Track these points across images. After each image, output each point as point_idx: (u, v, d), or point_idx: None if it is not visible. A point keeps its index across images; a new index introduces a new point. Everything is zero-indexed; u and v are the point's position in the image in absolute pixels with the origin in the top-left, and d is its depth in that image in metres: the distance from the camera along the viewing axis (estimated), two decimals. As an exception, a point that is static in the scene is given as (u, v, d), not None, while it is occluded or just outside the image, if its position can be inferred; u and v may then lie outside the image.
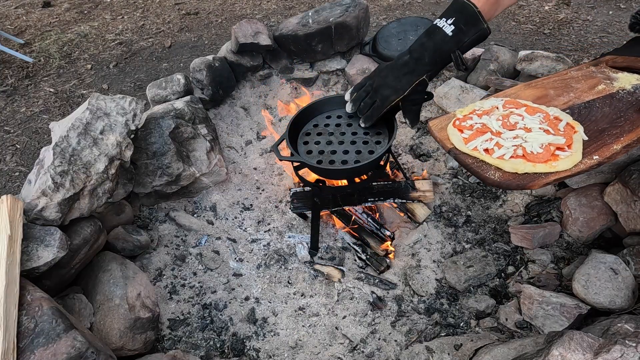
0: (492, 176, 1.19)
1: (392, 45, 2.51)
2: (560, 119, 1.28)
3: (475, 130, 1.30)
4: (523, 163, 1.17)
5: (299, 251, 2.04)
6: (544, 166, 1.15)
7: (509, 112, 1.33)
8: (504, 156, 1.20)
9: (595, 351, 1.13)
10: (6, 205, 1.45)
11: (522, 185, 1.15)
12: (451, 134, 1.34)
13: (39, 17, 4.19)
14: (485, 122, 1.31)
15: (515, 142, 1.22)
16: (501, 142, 1.23)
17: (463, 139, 1.30)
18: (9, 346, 1.23)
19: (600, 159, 1.16)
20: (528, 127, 1.26)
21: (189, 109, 2.16)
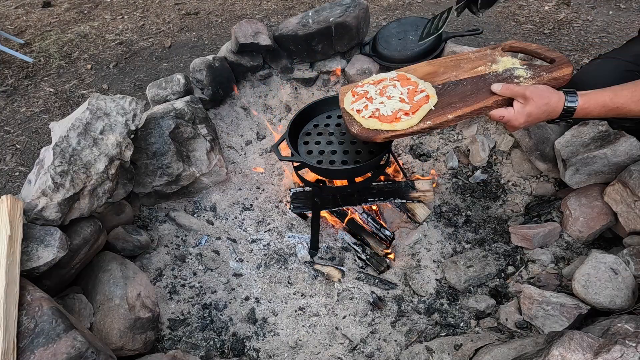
0: (354, 129, 1.53)
1: (392, 45, 2.51)
2: (424, 90, 1.53)
3: (359, 95, 1.62)
4: (375, 121, 1.49)
5: (299, 251, 2.04)
6: (387, 125, 1.47)
7: (392, 83, 1.61)
8: (364, 116, 1.52)
9: (595, 351, 1.13)
10: (6, 205, 1.45)
11: (369, 138, 1.49)
12: (346, 97, 1.66)
13: (39, 17, 4.19)
14: (367, 89, 1.62)
15: (378, 106, 1.53)
16: (369, 105, 1.55)
17: (351, 101, 1.62)
18: (9, 346, 1.23)
19: (432, 124, 1.44)
20: (390, 96, 1.54)
21: (189, 109, 2.16)
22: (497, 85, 1.46)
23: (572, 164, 1.83)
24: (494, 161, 2.28)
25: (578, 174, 1.84)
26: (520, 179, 2.16)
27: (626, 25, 3.10)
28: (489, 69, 1.57)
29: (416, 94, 1.53)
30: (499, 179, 2.22)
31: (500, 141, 2.27)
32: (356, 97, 1.62)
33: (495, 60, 1.60)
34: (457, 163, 2.33)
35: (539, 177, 2.12)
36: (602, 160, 1.78)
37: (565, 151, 1.85)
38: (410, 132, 1.46)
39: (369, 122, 1.51)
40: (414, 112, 1.47)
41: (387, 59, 2.51)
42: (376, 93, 1.59)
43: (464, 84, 1.55)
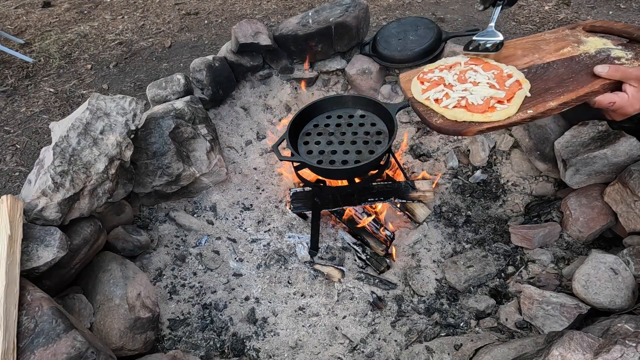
0: (435, 122, 1.33)
1: (392, 45, 2.51)
2: (512, 75, 1.36)
3: (432, 82, 1.42)
4: (463, 112, 1.29)
5: (299, 251, 2.04)
6: (480, 116, 1.27)
7: (469, 67, 1.43)
8: (448, 106, 1.33)
9: (595, 351, 1.13)
10: (6, 205, 1.45)
11: (458, 131, 1.28)
12: (413, 85, 1.47)
13: (39, 17, 4.19)
14: (442, 75, 1.43)
15: (462, 94, 1.33)
16: (450, 93, 1.35)
17: (421, 89, 1.42)
18: (9, 346, 1.23)
19: (534, 113, 1.26)
20: (476, 82, 1.36)
21: (189, 109, 2.16)
22: (602, 67, 1.29)
23: (572, 164, 1.83)
24: (494, 161, 2.28)
25: (578, 174, 1.84)
26: (520, 179, 2.16)
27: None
28: (577, 50, 1.41)
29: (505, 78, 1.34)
30: (499, 179, 2.22)
31: (500, 141, 2.27)
32: (428, 85, 1.42)
33: (580, 41, 1.44)
34: (457, 163, 2.33)
35: (539, 177, 2.12)
36: (602, 161, 1.78)
37: (565, 151, 1.85)
38: (509, 124, 1.27)
39: (455, 112, 1.30)
40: (509, 99, 1.28)
41: (387, 59, 2.51)
42: (454, 79, 1.40)
43: (554, 67, 1.38)
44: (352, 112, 1.88)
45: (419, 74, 1.50)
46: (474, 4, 3.67)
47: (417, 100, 1.43)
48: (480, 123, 1.27)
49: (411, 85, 1.48)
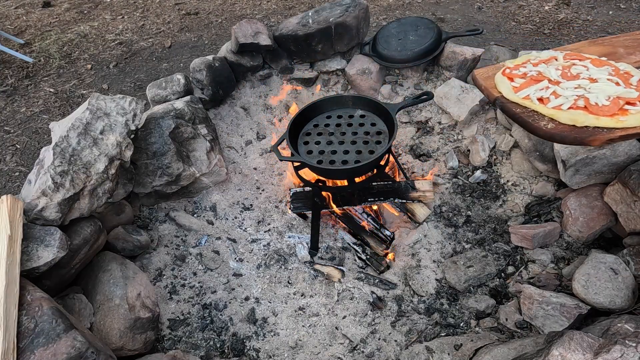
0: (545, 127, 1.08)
1: (392, 45, 2.51)
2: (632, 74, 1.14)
3: (529, 78, 1.18)
4: (584, 115, 1.06)
5: (299, 251, 2.04)
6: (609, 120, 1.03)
7: (570, 63, 1.21)
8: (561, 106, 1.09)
9: (595, 351, 1.13)
10: (6, 205, 1.45)
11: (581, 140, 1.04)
12: (499, 81, 1.23)
13: (39, 17, 4.19)
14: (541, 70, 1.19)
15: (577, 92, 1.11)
16: (559, 91, 1.12)
17: (513, 87, 1.18)
18: (9, 346, 1.23)
19: None
20: (594, 78, 1.13)
21: (189, 109, 2.16)
22: None
23: (571, 164, 1.83)
24: (494, 161, 2.28)
25: (578, 174, 1.85)
26: (520, 179, 2.17)
27: (626, 25, 3.10)
28: None
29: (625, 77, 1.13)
30: (499, 179, 2.22)
31: (500, 141, 2.27)
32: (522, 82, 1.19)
33: None
34: (457, 163, 2.33)
35: (539, 177, 2.12)
36: (602, 161, 1.78)
37: (565, 152, 1.85)
38: None
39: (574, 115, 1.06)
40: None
41: (387, 59, 2.51)
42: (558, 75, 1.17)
43: None
44: (352, 112, 1.88)
45: (504, 69, 1.28)
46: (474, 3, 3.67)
47: (509, 100, 1.17)
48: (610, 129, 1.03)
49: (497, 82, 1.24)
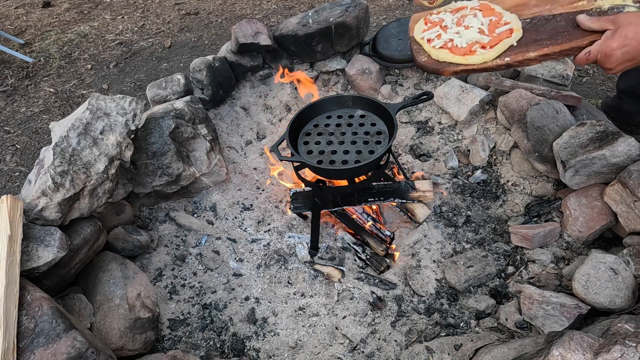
0: (420, 60, 1.40)
1: (392, 45, 2.51)
2: (508, 23, 1.36)
3: (433, 23, 1.47)
4: (446, 53, 1.34)
5: (299, 251, 2.04)
6: (459, 58, 1.32)
7: (472, 13, 1.45)
8: (435, 46, 1.38)
9: (595, 351, 1.14)
10: (6, 205, 1.45)
11: (436, 70, 1.36)
12: (418, 24, 1.51)
13: (39, 17, 4.19)
14: (443, 17, 1.47)
15: (452, 36, 1.38)
16: (442, 34, 1.40)
17: (422, 29, 1.47)
18: (9, 346, 1.23)
19: (511, 61, 1.29)
20: (469, 26, 1.39)
21: (189, 109, 2.16)
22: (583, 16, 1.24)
23: (571, 165, 1.83)
24: (494, 161, 2.28)
25: (578, 175, 1.85)
26: (520, 179, 2.17)
27: (626, 26, 3.10)
28: (592, 4, 1.34)
29: (499, 26, 1.36)
30: (499, 179, 2.22)
31: (501, 141, 2.28)
32: (429, 25, 1.46)
33: None
34: (457, 163, 2.33)
35: (539, 177, 2.12)
36: (601, 161, 1.78)
37: (564, 152, 1.85)
38: (484, 68, 1.32)
39: (440, 53, 1.36)
40: (493, 45, 1.31)
41: (387, 59, 2.51)
42: (452, 22, 1.43)
43: (557, 20, 1.35)
44: (352, 112, 1.88)
45: (429, 15, 1.52)
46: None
47: (414, 39, 1.47)
48: (457, 64, 1.33)
49: (416, 24, 1.51)
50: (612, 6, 1.31)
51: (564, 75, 2.18)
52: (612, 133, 1.78)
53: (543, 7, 1.42)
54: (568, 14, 1.35)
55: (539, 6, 1.43)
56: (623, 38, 1.13)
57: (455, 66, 1.33)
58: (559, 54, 1.28)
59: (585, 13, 1.30)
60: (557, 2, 1.41)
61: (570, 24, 1.31)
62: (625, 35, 1.12)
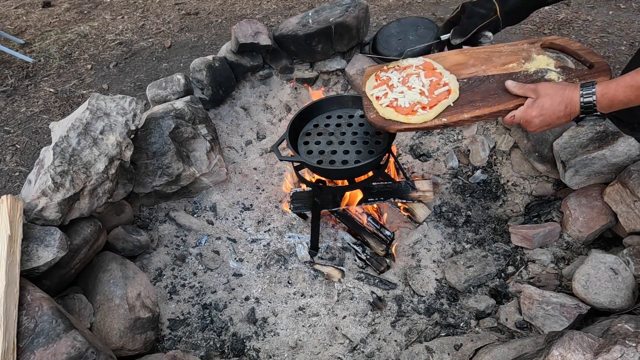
0: (370, 116, 1.53)
1: (392, 45, 2.50)
2: (447, 84, 1.49)
3: (382, 81, 1.60)
4: (391, 111, 1.47)
5: (299, 251, 2.04)
6: (402, 117, 1.45)
7: (416, 72, 1.58)
8: (382, 104, 1.51)
9: (595, 351, 1.14)
10: (6, 205, 1.45)
11: (383, 127, 1.48)
12: (370, 80, 1.65)
13: (39, 17, 4.19)
14: (391, 76, 1.60)
15: (397, 96, 1.51)
16: (389, 94, 1.52)
17: (373, 85, 1.60)
18: (9, 346, 1.23)
19: (447, 121, 1.41)
20: (412, 87, 1.51)
21: (189, 109, 2.16)
22: (511, 82, 1.38)
23: (571, 165, 1.83)
24: (494, 161, 2.28)
25: (578, 175, 1.85)
26: (520, 179, 2.17)
27: (626, 25, 3.11)
28: (521, 67, 1.47)
29: (438, 87, 1.48)
30: (499, 179, 2.22)
31: (501, 141, 2.27)
32: (379, 82, 1.59)
33: (530, 58, 1.50)
34: (457, 163, 2.33)
35: (539, 177, 2.12)
36: (601, 161, 1.78)
37: (564, 152, 1.85)
38: (424, 127, 1.44)
39: (386, 111, 1.48)
40: (432, 106, 1.43)
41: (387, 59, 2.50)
42: (399, 81, 1.55)
43: (490, 81, 1.47)
44: (352, 112, 1.88)
45: (380, 71, 1.66)
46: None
47: (366, 94, 1.61)
48: (401, 123, 1.45)
49: (368, 80, 1.65)
50: (537, 70, 1.45)
51: (564, 75, 2.18)
52: (612, 133, 1.78)
53: (479, 67, 1.53)
54: (500, 76, 1.47)
55: (476, 66, 1.54)
56: (540, 108, 1.27)
57: (400, 124, 1.45)
58: (489, 115, 1.40)
59: (514, 76, 1.45)
60: (491, 64, 1.53)
61: (501, 86, 1.43)
62: (542, 106, 1.27)
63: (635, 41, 2.94)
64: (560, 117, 1.27)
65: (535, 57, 1.50)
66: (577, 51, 1.44)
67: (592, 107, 1.22)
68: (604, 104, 1.20)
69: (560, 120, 1.28)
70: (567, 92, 1.24)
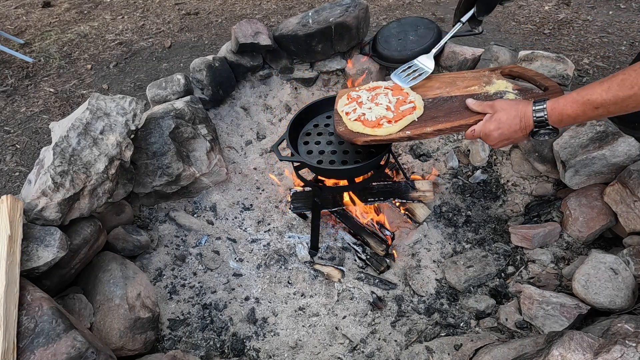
0: (339, 129, 1.62)
1: (392, 45, 2.51)
2: (412, 102, 1.60)
3: (352, 99, 1.70)
4: (358, 125, 1.57)
5: (299, 251, 2.04)
6: (369, 130, 1.54)
7: (385, 92, 1.67)
8: (351, 118, 1.61)
9: (595, 351, 1.14)
10: (6, 205, 1.45)
11: (350, 139, 1.57)
12: (342, 99, 1.74)
13: (39, 17, 4.19)
14: (361, 95, 1.70)
15: (365, 111, 1.61)
16: (357, 109, 1.63)
17: (344, 103, 1.70)
18: (9, 346, 1.23)
19: (411, 134, 1.51)
20: (379, 103, 1.62)
21: (189, 109, 2.16)
22: (471, 100, 1.49)
23: (571, 165, 1.83)
24: (494, 161, 2.28)
25: (578, 175, 1.85)
26: (520, 179, 2.17)
27: (626, 25, 3.10)
28: (482, 89, 1.60)
29: (404, 104, 1.59)
30: (499, 179, 2.22)
31: (500, 141, 2.27)
32: (349, 100, 1.69)
33: (490, 82, 1.62)
34: (457, 163, 2.33)
35: (539, 177, 2.12)
36: (601, 161, 1.78)
37: (564, 152, 1.85)
38: (389, 139, 1.53)
39: (354, 124, 1.58)
40: (397, 120, 1.54)
41: (387, 59, 2.51)
42: (368, 99, 1.66)
43: (453, 101, 1.59)
44: (352, 112, 1.88)
45: (351, 91, 1.75)
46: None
47: (337, 111, 1.70)
48: (367, 135, 1.54)
49: (340, 99, 1.75)
50: (496, 92, 1.57)
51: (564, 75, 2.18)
52: (612, 133, 1.78)
53: (444, 89, 1.66)
54: (462, 96, 1.58)
55: (441, 88, 1.67)
56: (497, 122, 1.35)
57: (366, 136, 1.54)
58: (451, 129, 1.49)
59: (475, 96, 1.56)
60: (455, 86, 1.65)
61: (462, 105, 1.54)
62: (499, 120, 1.35)
63: (635, 41, 2.94)
64: (517, 131, 1.34)
65: (495, 81, 1.62)
66: (533, 77, 1.57)
67: (544, 121, 1.29)
68: (555, 118, 1.27)
69: (517, 133, 1.34)
70: (521, 107, 1.32)
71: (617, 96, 1.13)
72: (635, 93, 1.10)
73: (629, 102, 1.12)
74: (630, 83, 1.10)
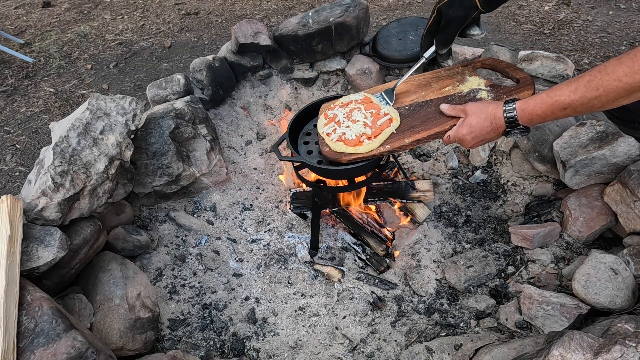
0: (324, 150, 1.62)
1: (392, 45, 2.51)
2: (387, 114, 1.59)
3: (329, 118, 1.69)
4: (341, 144, 1.57)
5: (299, 251, 2.04)
6: (351, 148, 1.55)
7: (357, 107, 1.66)
8: (332, 139, 1.61)
9: (595, 351, 1.14)
10: (6, 205, 1.45)
11: (336, 159, 1.58)
12: (320, 119, 1.74)
13: (39, 17, 4.19)
14: (337, 113, 1.69)
15: (344, 130, 1.60)
16: (337, 129, 1.62)
17: (323, 123, 1.69)
18: (9, 346, 1.23)
19: (391, 148, 1.51)
20: (355, 120, 1.61)
21: (189, 109, 2.16)
22: (444, 105, 1.50)
23: (571, 165, 1.83)
24: (494, 161, 2.28)
25: (578, 175, 1.85)
26: (520, 179, 2.17)
27: (626, 26, 3.10)
28: (456, 89, 1.59)
29: (379, 117, 1.59)
30: (499, 179, 2.22)
31: (500, 141, 2.27)
32: (327, 120, 1.69)
33: (463, 80, 1.61)
34: (457, 163, 2.33)
35: (538, 177, 2.12)
36: (601, 161, 1.78)
37: (564, 152, 1.85)
38: (372, 155, 1.54)
39: (336, 145, 1.59)
40: (376, 135, 1.54)
41: (387, 59, 2.51)
42: (344, 116, 1.66)
43: (428, 106, 1.58)
44: (352, 112, 1.88)
45: (328, 110, 1.74)
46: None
47: (318, 132, 1.71)
48: (350, 154, 1.55)
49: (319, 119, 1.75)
50: (470, 90, 1.56)
51: (563, 75, 2.18)
52: (612, 133, 1.78)
53: (419, 93, 1.64)
54: (437, 100, 1.57)
55: (417, 93, 1.65)
56: (469, 126, 1.38)
57: (349, 155, 1.55)
58: (428, 138, 1.50)
59: (449, 98, 1.56)
60: (430, 89, 1.64)
61: (438, 110, 1.53)
62: (470, 124, 1.38)
63: (635, 41, 2.94)
64: (489, 132, 1.36)
65: (468, 78, 1.61)
66: (505, 68, 1.57)
67: (515, 121, 1.31)
68: (525, 118, 1.29)
69: (490, 134, 1.37)
70: (491, 109, 1.34)
71: (584, 97, 1.14)
72: (601, 94, 1.11)
73: (595, 102, 1.14)
74: (596, 84, 1.11)
